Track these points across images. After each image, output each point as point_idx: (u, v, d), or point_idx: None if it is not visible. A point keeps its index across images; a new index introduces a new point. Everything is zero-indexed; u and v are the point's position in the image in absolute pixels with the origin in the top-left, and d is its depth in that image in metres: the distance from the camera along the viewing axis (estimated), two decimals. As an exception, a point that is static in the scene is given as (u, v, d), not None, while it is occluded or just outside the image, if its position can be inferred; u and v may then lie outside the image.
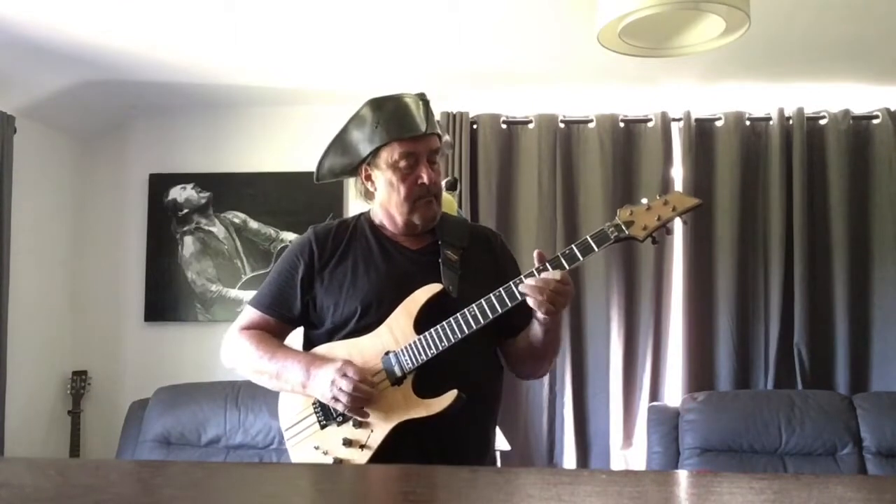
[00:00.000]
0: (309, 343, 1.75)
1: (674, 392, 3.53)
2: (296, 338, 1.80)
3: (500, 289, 1.57)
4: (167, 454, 3.37)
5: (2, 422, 3.23)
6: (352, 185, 1.81)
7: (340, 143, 1.72)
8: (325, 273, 1.71)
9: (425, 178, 1.63)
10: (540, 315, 1.57)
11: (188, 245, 3.82)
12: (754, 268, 3.54)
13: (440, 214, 1.72)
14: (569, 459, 3.50)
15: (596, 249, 1.56)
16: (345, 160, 1.72)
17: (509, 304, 1.56)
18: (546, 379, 3.50)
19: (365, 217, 1.78)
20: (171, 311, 3.81)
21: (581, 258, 1.56)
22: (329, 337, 1.69)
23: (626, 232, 1.55)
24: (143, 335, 3.84)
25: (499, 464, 3.29)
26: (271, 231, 3.80)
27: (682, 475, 1.41)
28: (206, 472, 1.12)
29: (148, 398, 3.54)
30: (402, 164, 1.64)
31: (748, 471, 3.10)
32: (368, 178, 1.70)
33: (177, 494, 0.92)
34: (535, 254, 1.60)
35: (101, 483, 0.96)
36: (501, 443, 3.16)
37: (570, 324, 3.54)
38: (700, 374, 3.50)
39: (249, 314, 1.77)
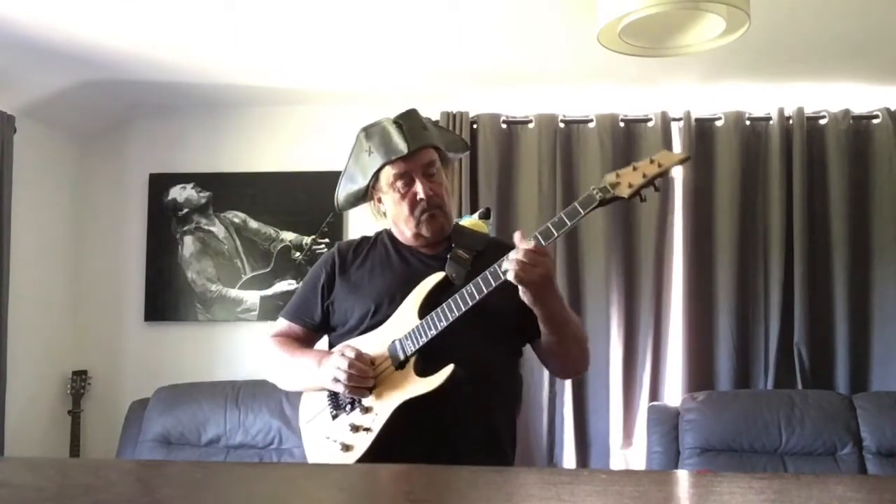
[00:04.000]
0: (331, 346, 1.82)
1: (674, 392, 3.53)
2: (322, 344, 1.90)
3: (494, 264, 1.59)
4: (167, 454, 3.37)
5: (2, 422, 3.23)
6: None
7: (348, 172, 1.83)
8: (345, 277, 1.81)
9: (421, 194, 1.71)
10: (521, 293, 1.57)
11: (188, 245, 3.82)
12: (754, 268, 3.54)
13: (449, 224, 1.79)
14: (569, 459, 3.50)
15: (582, 212, 1.56)
16: (354, 187, 1.82)
17: (502, 278, 1.57)
18: (546, 378, 3.51)
19: (386, 231, 1.88)
20: (171, 311, 3.81)
21: (568, 223, 1.56)
22: (348, 336, 1.77)
23: (612, 192, 1.56)
24: (143, 335, 3.83)
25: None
26: (271, 231, 3.80)
27: (682, 475, 1.42)
28: (206, 472, 1.12)
29: (148, 398, 3.54)
30: (398, 183, 1.73)
31: (748, 470, 3.10)
32: (379, 200, 1.81)
33: (177, 494, 0.92)
34: (516, 234, 1.61)
35: (101, 483, 0.96)
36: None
37: (570, 324, 3.53)
38: (700, 374, 3.50)
39: (279, 324, 1.91)
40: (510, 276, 1.55)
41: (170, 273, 3.81)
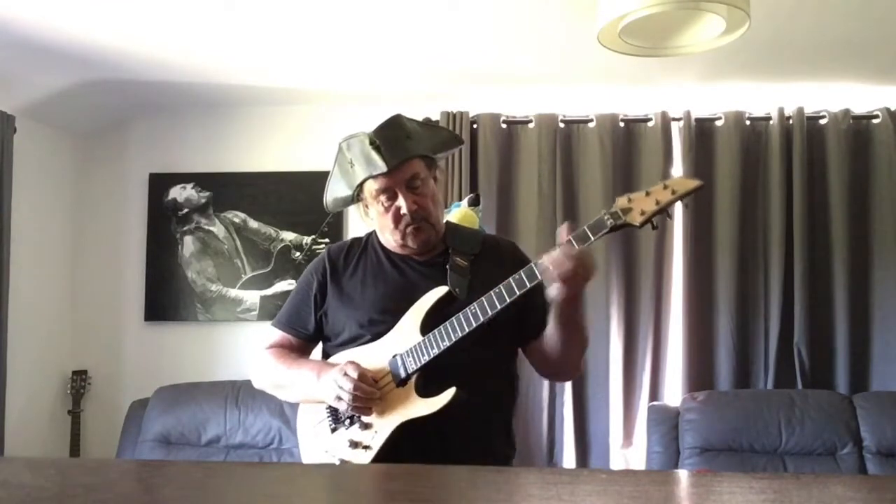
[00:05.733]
0: (325, 356, 1.81)
1: (674, 392, 3.52)
2: (317, 353, 1.87)
3: (500, 285, 1.56)
4: (167, 454, 3.37)
5: (2, 422, 3.23)
6: None
7: (333, 177, 1.79)
8: (338, 287, 1.78)
9: (405, 209, 1.67)
10: (557, 292, 1.54)
11: (188, 245, 3.82)
12: (754, 268, 3.54)
13: (437, 234, 1.74)
14: (568, 459, 3.50)
15: (592, 238, 1.53)
16: (340, 194, 1.79)
17: (508, 300, 1.54)
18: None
19: (375, 234, 1.84)
20: (171, 311, 3.81)
21: (576, 248, 1.53)
22: (342, 349, 1.74)
23: (623, 219, 1.52)
24: (143, 335, 3.83)
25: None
26: (271, 231, 3.80)
27: (682, 475, 1.41)
28: (206, 472, 1.12)
29: (148, 398, 3.54)
30: (382, 197, 1.69)
31: (748, 470, 3.09)
32: (366, 206, 1.76)
33: (177, 494, 0.92)
34: (561, 228, 1.58)
35: (101, 483, 0.96)
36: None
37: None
38: (700, 374, 3.50)
39: (272, 334, 1.87)
40: (556, 279, 1.51)
41: (170, 273, 3.81)
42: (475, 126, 3.65)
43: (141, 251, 3.85)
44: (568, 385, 3.51)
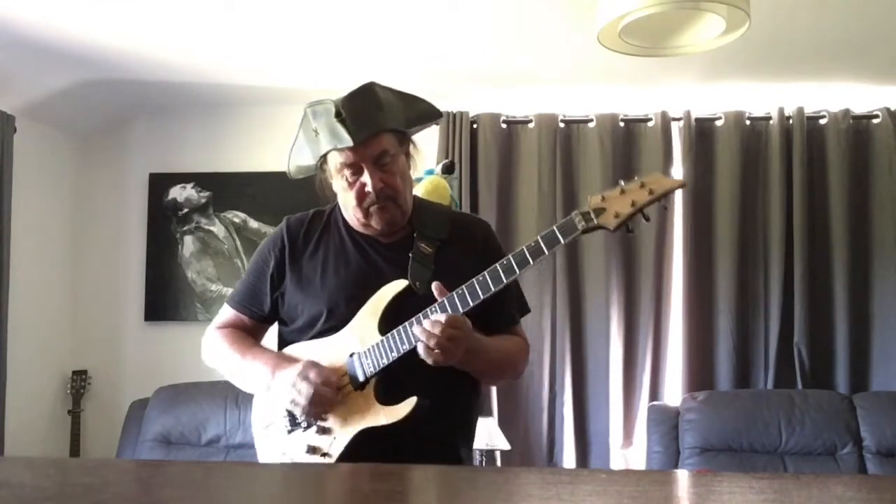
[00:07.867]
0: (282, 340, 1.70)
1: (674, 391, 3.53)
2: (273, 335, 1.76)
3: (464, 286, 1.48)
4: (167, 454, 3.37)
5: (2, 422, 3.23)
6: None
7: (297, 143, 1.67)
8: (296, 267, 1.66)
9: (370, 186, 1.55)
10: (432, 362, 1.45)
11: (188, 245, 3.82)
12: (754, 268, 3.54)
13: (403, 215, 1.62)
14: (568, 459, 3.50)
15: (562, 241, 1.43)
16: (304, 163, 1.66)
17: (471, 304, 1.46)
18: (546, 378, 3.51)
19: (339, 209, 1.70)
20: (171, 311, 3.81)
21: (546, 251, 1.43)
22: (299, 335, 1.64)
23: (596, 221, 1.42)
24: (143, 335, 3.83)
25: (498, 464, 3.29)
26: (271, 231, 3.80)
27: (682, 475, 1.41)
28: (206, 472, 1.12)
29: (148, 398, 3.54)
30: (346, 172, 1.57)
31: (748, 470, 3.09)
32: (330, 179, 1.64)
33: (177, 494, 0.92)
34: (433, 287, 1.48)
35: (101, 483, 0.96)
36: (501, 442, 3.16)
37: (570, 324, 3.54)
38: (700, 374, 3.50)
39: (224, 313, 1.75)
40: (421, 353, 1.44)
41: (170, 273, 3.81)
42: (475, 126, 3.65)
43: (141, 251, 3.85)
44: (568, 385, 3.52)
